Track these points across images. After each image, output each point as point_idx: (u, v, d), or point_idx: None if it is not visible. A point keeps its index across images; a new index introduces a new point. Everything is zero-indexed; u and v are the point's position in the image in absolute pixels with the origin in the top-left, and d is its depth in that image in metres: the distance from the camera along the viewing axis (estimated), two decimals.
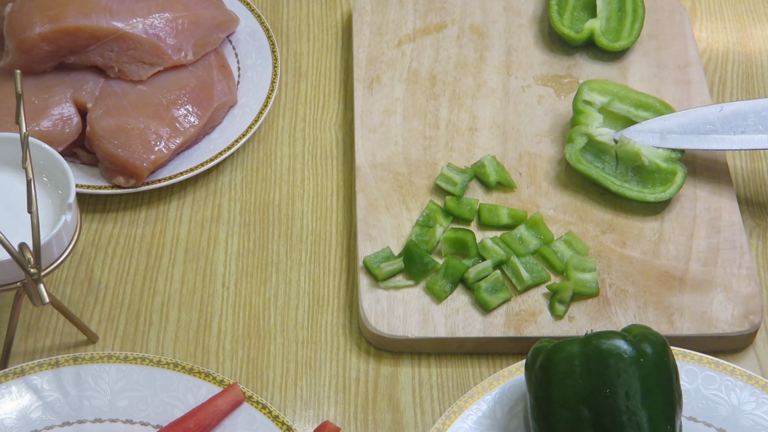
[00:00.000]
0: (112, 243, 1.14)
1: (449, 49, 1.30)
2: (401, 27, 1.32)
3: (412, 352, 1.07)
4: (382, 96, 1.25)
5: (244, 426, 0.98)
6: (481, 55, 1.30)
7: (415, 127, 1.22)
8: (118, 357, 1.01)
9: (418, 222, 1.13)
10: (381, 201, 1.16)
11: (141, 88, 1.19)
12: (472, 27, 1.32)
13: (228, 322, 1.09)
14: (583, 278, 1.09)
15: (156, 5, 1.21)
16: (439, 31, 1.32)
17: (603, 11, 1.30)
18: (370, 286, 1.09)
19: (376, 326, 1.06)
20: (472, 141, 1.22)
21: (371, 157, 1.19)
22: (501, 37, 1.31)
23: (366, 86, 1.26)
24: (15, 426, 0.97)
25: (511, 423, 0.99)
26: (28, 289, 0.96)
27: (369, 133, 1.21)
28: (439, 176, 1.16)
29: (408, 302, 1.08)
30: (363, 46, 1.29)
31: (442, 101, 1.24)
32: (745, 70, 1.32)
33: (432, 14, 1.33)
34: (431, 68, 1.28)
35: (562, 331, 1.07)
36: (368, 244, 1.12)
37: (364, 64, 1.28)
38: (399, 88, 1.26)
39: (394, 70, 1.28)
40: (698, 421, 0.99)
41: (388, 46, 1.30)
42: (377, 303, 1.08)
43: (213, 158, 1.18)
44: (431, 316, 1.07)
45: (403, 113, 1.24)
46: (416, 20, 1.32)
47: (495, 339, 1.06)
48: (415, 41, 1.30)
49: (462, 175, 1.16)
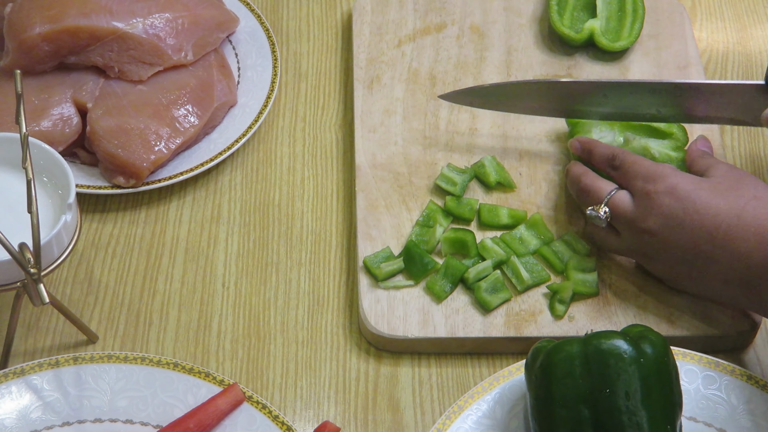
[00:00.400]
0: (112, 243, 1.14)
1: (449, 49, 1.30)
2: (401, 27, 1.32)
3: (412, 352, 1.07)
4: (382, 96, 1.25)
5: (244, 426, 0.98)
6: (481, 55, 1.30)
7: (415, 127, 1.22)
8: (118, 357, 1.01)
9: (418, 222, 1.13)
10: (381, 201, 1.15)
11: (141, 88, 1.19)
12: (472, 27, 1.32)
13: (228, 322, 1.09)
14: (584, 278, 1.09)
15: (156, 5, 1.21)
16: (440, 31, 1.31)
17: (603, 11, 1.30)
18: (370, 286, 1.09)
19: (376, 326, 1.06)
20: (473, 141, 1.21)
21: (371, 157, 1.19)
22: (501, 37, 1.31)
23: (366, 86, 1.25)
24: (15, 426, 0.97)
25: (511, 423, 0.98)
26: (28, 289, 0.96)
27: (369, 133, 1.21)
28: (439, 176, 1.16)
29: (408, 302, 1.08)
30: (363, 46, 1.29)
31: (442, 101, 1.24)
32: (745, 70, 1.32)
33: (432, 14, 1.33)
34: (431, 68, 1.28)
35: (562, 331, 1.07)
36: (368, 244, 1.12)
37: (364, 64, 1.28)
38: (399, 88, 1.26)
39: (394, 70, 1.27)
40: (698, 421, 0.99)
41: (388, 46, 1.30)
42: (377, 303, 1.08)
43: (213, 158, 1.18)
44: (431, 316, 1.07)
45: (403, 113, 1.24)
46: (416, 20, 1.32)
47: (495, 339, 1.06)
48: (415, 41, 1.30)
49: (462, 175, 1.16)
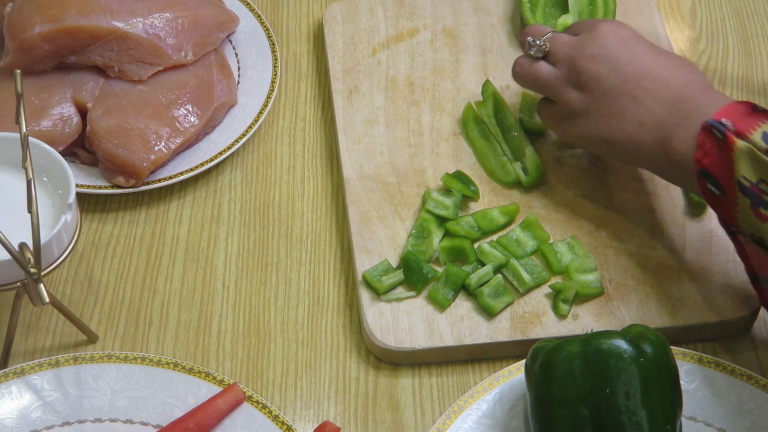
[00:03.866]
0: (112, 243, 1.14)
1: (424, 54, 1.28)
2: (374, 35, 1.29)
3: (421, 363, 1.06)
4: (362, 106, 1.23)
5: (244, 426, 0.98)
6: (456, 58, 1.28)
7: (399, 135, 1.21)
8: (118, 357, 1.01)
9: (411, 234, 1.12)
10: (373, 213, 1.14)
11: (141, 87, 1.19)
12: (445, 30, 1.30)
13: (228, 321, 1.09)
14: (586, 279, 1.09)
15: (156, 5, 1.21)
16: (412, 37, 1.30)
17: (574, 6, 1.29)
18: (372, 300, 1.08)
19: (383, 340, 1.05)
20: (458, 145, 1.21)
21: (359, 169, 1.18)
22: (474, 38, 1.30)
23: (345, 97, 1.24)
24: (15, 426, 0.97)
25: (511, 423, 0.98)
26: (28, 289, 0.96)
27: (354, 145, 1.20)
28: (429, 202, 1.13)
29: (411, 313, 1.07)
30: (338, 57, 1.27)
31: (423, 107, 1.23)
32: (745, 70, 1.32)
33: (403, 20, 1.31)
34: (408, 74, 1.26)
35: (567, 330, 1.06)
36: (365, 257, 1.11)
37: (341, 75, 1.26)
38: (378, 96, 1.24)
39: (371, 79, 1.26)
40: (698, 420, 0.99)
41: (362, 55, 1.28)
42: (381, 316, 1.07)
43: (213, 158, 1.18)
44: (436, 325, 1.06)
45: (386, 122, 1.22)
46: (388, 27, 1.30)
47: (502, 344, 1.06)
48: (390, 48, 1.28)
49: (451, 198, 1.14)
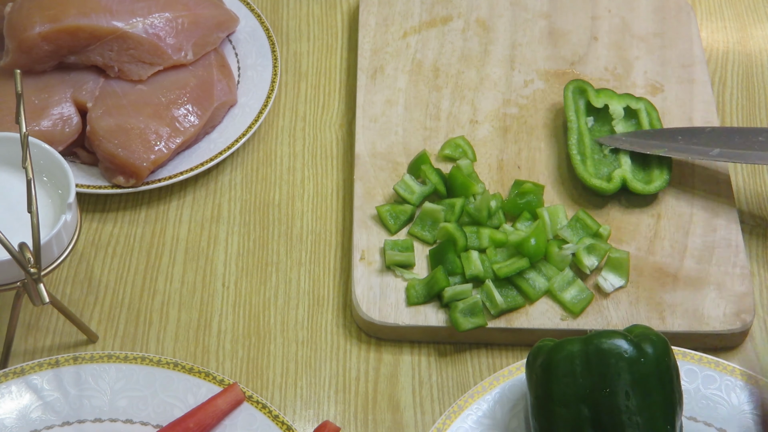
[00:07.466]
0: (112, 243, 1.14)
1: (454, 41, 1.30)
2: (407, 19, 1.32)
3: (403, 339, 1.07)
4: (384, 86, 1.25)
5: (244, 426, 0.98)
6: (485, 49, 1.30)
7: (416, 117, 1.23)
8: (118, 357, 1.01)
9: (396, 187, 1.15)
10: (378, 190, 1.16)
11: (141, 87, 1.19)
12: (478, 20, 1.32)
13: (228, 321, 1.09)
14: (572, 296, 1.08)
15: (156, 5, 1.21)
16: (445, 24, 1.32)
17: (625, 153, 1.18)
18: (364, 273, 1.09)
19: (368, 313, 1.07)
20: (473, 133, 1.22)
21: (371, 146, 1.19)
22: (506, 31, 1.32)
23: (369, 76, 1.26)
24: (15, 426, 0.97)
25: (511, 422, 0.98)
26: (28, 288, 0.96)
27: (370, 123, 1.22)
28: (400, 183, 1.14)
29: (400, 290, 1.09)
30: (368, 36, 1.30)
31: (444, 93, 1.25)
32: (745, 70, 1.32)
33: (439, 7, 1.33)
34: (435, 60, 1.28)
35: (552, 323, 1.07)
36: (364, 232, 1.12)
37: (369, 55, 1.28)
38: (402, 79, 1.26)
39: (398, 61, 1.28)
40: (698, 420, 0.99)
41: (393, 37, 1.30)
42: (369, 290, 1.08)
43: (213, 158, 1.18)
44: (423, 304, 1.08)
45: (405, 104, 1.24)
46: (423, 12, 1.33)
47: (488, 330, 1.07)
48: (421, 33, 1.31)
49: (422, 186, 1.15)
